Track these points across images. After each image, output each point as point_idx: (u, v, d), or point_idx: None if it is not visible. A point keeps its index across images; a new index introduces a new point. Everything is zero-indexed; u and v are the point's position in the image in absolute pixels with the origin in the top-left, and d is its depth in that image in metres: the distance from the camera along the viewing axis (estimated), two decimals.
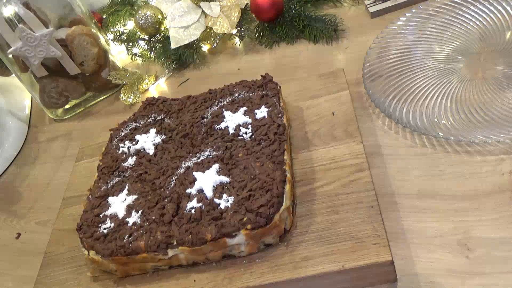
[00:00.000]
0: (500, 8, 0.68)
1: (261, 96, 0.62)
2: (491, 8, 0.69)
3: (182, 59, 0.88)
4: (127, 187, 0.58)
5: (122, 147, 0.64)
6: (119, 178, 0.60)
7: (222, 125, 0.60)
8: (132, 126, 0.67)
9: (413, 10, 0.74)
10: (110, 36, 0.98)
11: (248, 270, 0.48)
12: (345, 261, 0.45)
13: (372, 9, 0.81)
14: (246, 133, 0.58)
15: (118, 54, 0.99)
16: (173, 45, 0.87)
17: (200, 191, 0.52)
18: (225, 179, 0.52)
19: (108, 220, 0.54)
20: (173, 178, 0.56)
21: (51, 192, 0.75)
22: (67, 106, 0.91)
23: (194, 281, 0.49)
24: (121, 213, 0.54)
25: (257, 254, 0.49)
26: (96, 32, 0.87)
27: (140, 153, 0.62)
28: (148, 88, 0.89)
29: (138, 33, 0.95)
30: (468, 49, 0.67)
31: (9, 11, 0.77)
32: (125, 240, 0.50)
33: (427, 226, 0.49)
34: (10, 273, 0.65)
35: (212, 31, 0.87)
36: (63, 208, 0.66)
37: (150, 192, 0.55)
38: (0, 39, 0.79)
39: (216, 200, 0.50)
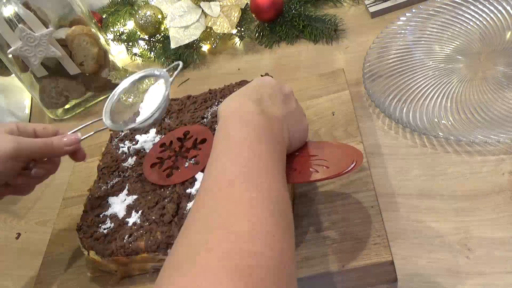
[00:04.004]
0: (500, 8, 0.68)
1: None
2: (491, 8, 0.69)
3: (182, 59, 0.88)
4: (127, 187, 0.58)
5: (122, 147, 0.64)
6: (119, 178, 0.60)
7: None
8: None
9: (413, 10, 0.74)
10: (110, 36, 0.98)
11: None
12: (345, 261, 0.45)
13: (372, 9, 0.81)
14: None
15: (118, 54, 0.99)
16: (173, 45, 0.87)
17: None
18: None
19: (108, 220, 0.54)
20: None
21: (51, 192, 0.75)
22: (67, 106, 0.91)
23: None
24: (121, 213, 0.54)
25: None
26: (96, 32, 0.87)
27: (140, 153, 0.62)
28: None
29: (138, 33, 0.95)
30: (468, 49, 0.67)
31: (9, 11, 0.77)
32: (125, 240, 0.50)
33: (427, 226, 0.49)
34: (10, 273, 0.65)
35: (212, 31, 0.87)
36: (63, 208, 0.66)
37: (150, 192, 0.55)
38: (0, 39, 0.79)
39: None
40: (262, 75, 0.65)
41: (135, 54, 0.96)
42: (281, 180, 0.39)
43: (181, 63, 0.57)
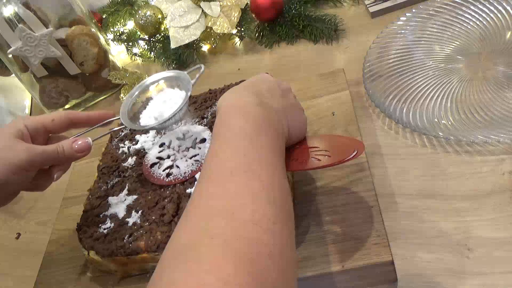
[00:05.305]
0: (500, 8, 0.68)
1: None
2: (491, 8, 0.69)
3: (182, 59, 0.88)
4: (127, 187, 0.58)
5: (122, 147, 0.64)
6: (119, 178, 0.60)
7: None
8: None
9: (413, 10, 0.74)
10: (110, 36, 0.98)
11: None
12: (345, 261, 0.45)
13: (372, 9, 0.81)
14: None
15: (118, 54, 0.99)
16: (173, 45, 0.87)
17: None
18: None
19: (108, 220, 0.54)
20: None
21: (51, 192, 0.74)
22: (67, 106, 0.91)
23: None
24: (121, 213, 0.54)
25: None
26: (96, 32, 0.87)
27: (140, 153, 0.62)
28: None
29: (138, 33, 0.95)
30: (468, 49, 0.67)
31: (9, 11, 0.77)
32: (125, 240, 0.50)
33: (427, 226, 0.49)
34: (10, 273, 0.64)
35: (212, 31, 0.87)
36: (63, 208, 0.66)
37: (150, 192, 0.55)
38: (0, 39, 0.79)
39: None
40: None
41: (135, 54, 0.96)
42: (281, 169, 0.39)
43: (203, 66, 0.57)
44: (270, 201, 0.34)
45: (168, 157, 0.58)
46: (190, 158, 0.56)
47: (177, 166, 0.56)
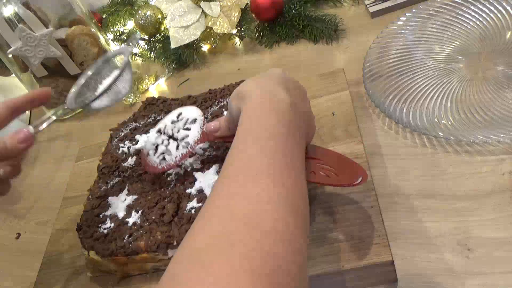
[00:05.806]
0: (500, 8, 0.68)
1: None
2: (491, 8, 0.69)
3: (182, 59, 0.88)
4: (127, 187, 0.58)
5: (122, 147, 0.64)
6: (119, 178, 0.60)
7: None
8: (132, 126, 0.67)
9: (413, 10, 0.74)
10: (110, 36, 0.98)
11: None
12: (345, 261, 0.45)
13: (372, 9, 0.81)
14: None
15: None
16: (173, 45, 0.87)
17: (200, 191, 0.52)
18: None
19: (108, 220, 0.54)
20: (173, 178, 0.56)
21: (51, 192, 0.75)
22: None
23: None
24: (121, 213, 0.54)
25: None
26: (96, 32, 0.87)
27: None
28: (148, 88, 0.89)
29: (138, 33, 0.95)
30: (468, 49, 0.67)
31: (9, 11, 0.77)
32: (125, 240, 0.50)
33: (427, 226, 0.48)
34: (10, 273, 0.64)
35: (212, 31, 0.87)
36: (63, 208, 0.66)
37: (150, 192, 0.55)
38: (0, 39, 0.79)
39: None
40: None
41: (135, 54, 0.96)
42: (303, 176, 0.38)
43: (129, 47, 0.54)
44: (292, 210, 0.33)
45: (162, 142, 0.57)
46: (181, 141, 0.55)
47: (169, 151, 0.55)
